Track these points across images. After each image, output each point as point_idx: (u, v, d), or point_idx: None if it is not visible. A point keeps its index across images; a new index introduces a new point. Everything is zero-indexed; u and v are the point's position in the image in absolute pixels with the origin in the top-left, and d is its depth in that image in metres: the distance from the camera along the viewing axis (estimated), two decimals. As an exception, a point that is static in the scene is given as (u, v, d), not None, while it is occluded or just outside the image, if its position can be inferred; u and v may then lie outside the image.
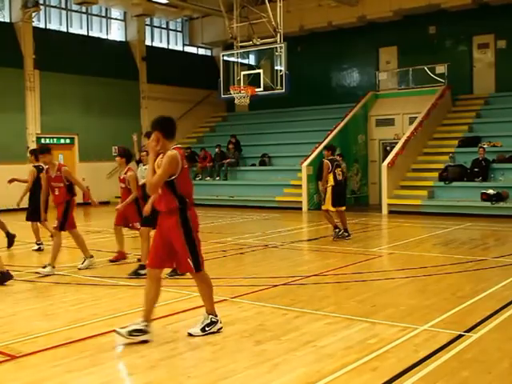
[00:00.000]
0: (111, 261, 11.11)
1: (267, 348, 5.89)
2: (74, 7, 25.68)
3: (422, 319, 6.77)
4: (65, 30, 25.98)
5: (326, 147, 14.05)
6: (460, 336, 6.13)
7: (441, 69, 24.29)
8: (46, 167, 10.92)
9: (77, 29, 26.53)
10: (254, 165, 24.98)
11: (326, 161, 13.38)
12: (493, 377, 5.11)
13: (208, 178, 25.27)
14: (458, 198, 18.86)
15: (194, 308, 7.45)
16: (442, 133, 22.68)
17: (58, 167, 10.74)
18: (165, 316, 7.09)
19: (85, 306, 7.69)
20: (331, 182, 13.21)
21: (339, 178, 13.41)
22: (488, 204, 18.07)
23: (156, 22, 30.13)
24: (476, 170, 19.21)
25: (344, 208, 13.70)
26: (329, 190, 13.27)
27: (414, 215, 18.44)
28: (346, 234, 13.50)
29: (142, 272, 8.73)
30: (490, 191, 18.24)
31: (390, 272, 10.15)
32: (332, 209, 13.41)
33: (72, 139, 25.37)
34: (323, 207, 13.64)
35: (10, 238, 13.38)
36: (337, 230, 13.47)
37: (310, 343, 5.99)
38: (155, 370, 5.39)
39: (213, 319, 6.41)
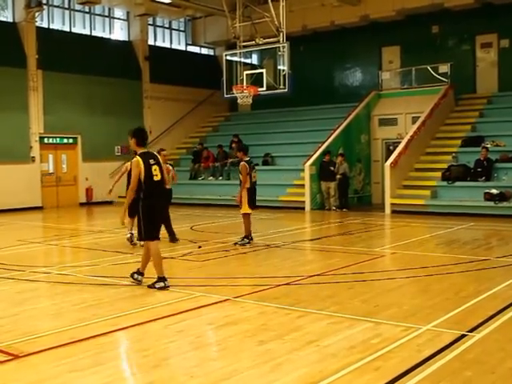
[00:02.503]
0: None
1: (270, 348, 5.89)
2: (77, 7, 25.66)
3: (425, 319, 6.77)
4: (68, 29, 25.98)
5: (238, 149, 13.32)
6: (463, 336, 6.12)
7: (444, 68, 24.25)
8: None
9: (80, 28, 26.53)
10: (256, 164, 24.80)
11: (243, 163, 12.77)
12: (496, 377, 5.10)
13: (211, 178, 25.26)
14: (461, 198, 18.82)
15: (196, 308, 7.46)
16: (445, 132, 22.64)
17: None
18: (167, 316, 7.10)
19: (87, 306, 7.70)
20: (248, 184, 12.72)
21: (254, 179, 12.85)
22: (491, 204, 18.03)
23: (159, 22, 30.12)
24: (479, 169, 19.18)
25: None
26: (244, 192, 12.70)
27: (417, 215, 18.42)
28: (247, 241, 12.88)
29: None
30: (493, 191, 18.20)
31: (393, 272, 10.14)
32: (249, 211, 12.83)
33: (75, 139, 25.38)
34: (242, 211, 12.88)
35: None
36: (246, 240, 12.87)
37: (312, 343, 5.99)
38: (158, 369, 5.39)
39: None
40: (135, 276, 8.99)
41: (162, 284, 8.51)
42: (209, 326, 6.88)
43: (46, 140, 24.36)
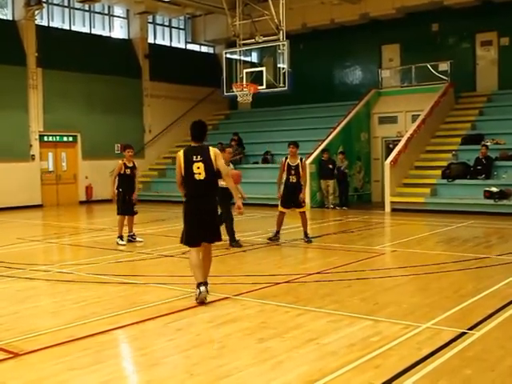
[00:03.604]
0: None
1: (270, 345, 5.89)
2: (77, 5, 25.64)
3: (425, 317, 6.77)
4: (68, 27, 25.95)
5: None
6: (462, 334, 6.12)
7: (444, 66, 24.24)
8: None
9: (79, 27, 26.52)
10: (256, 162, 24.96)
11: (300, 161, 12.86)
12: (495, 375, 5.11)
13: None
14: (461, 196, 18.82)
15: (195, 306, 7.46)
16: (445, 130, 22.65)
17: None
18: (167, 314, 7.10)
19: (88, 304, 7.70)
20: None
21: (291, 179, 12.72)
22: (491, 202, 18.04)
23: (159, 20, 30.10)
24: (479, 167, 19.18)
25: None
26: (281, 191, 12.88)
27: (417, 213, 18.43)
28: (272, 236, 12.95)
29: None
30: (493, 189, 18.20)
31: (393, 270, 10.14)
32: (282, 209, 12.93)
33: (75, 137, 25.37)
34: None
35: None
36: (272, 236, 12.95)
37: (312, 341, 5.99)
38: (158, 367, 5.39)
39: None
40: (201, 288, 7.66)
41: (202, 289, 7.56)
42: (208, 323, 6.87)
43: (45, 138, 24.36)
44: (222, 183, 12.03)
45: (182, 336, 6.30)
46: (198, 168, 7.58)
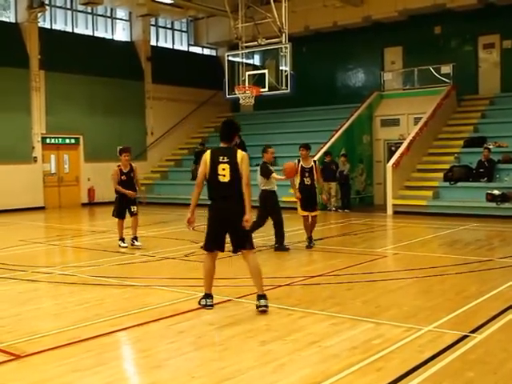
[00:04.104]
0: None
1: (272, 348, 5.89)
2: (80, 7, 25.70)
3: (427, 320, 6.76)
4: (70, 30, 26.00)
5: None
6: (465, 337, 6.11)
7: (446, 69, 24.24)
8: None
9: (82, 29, 26.55)
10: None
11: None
12: (498, 378, 5.10)
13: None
14: (463, 199, 18.81)
15: (198, 308, 7.46)
16: (447, 133, 22.63)
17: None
18: (169, 316, 7.11)
19: (90, 306, 7.71)
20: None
21: (306, 182, 12.52)
22: (493, 205, 18.02)
23: (161, 22, 30.15)
24: (481, 170, 19.17)
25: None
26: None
27: (419, 215, 18.41)
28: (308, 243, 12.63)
29: None
30: (495, 192, 18.19)
31: (395, 272, 10.14)
32: (302, 213, 12.64)
33: (77, 139, 25.40)
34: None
35: None
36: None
37: (314, 343, 5.99)
38: (160, 369, 5.40)
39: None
40: (257, 304, 7.32)
41: (203, 302, 7.44)
42: (210, 326, 6.87)
43: (48, 140, 24.39)
44: (260, 186, 11.99)
45: (184, 338, 6.30)
46: (224, 170, 7.28)
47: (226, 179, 7.26)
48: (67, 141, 25.18)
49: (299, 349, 5.84)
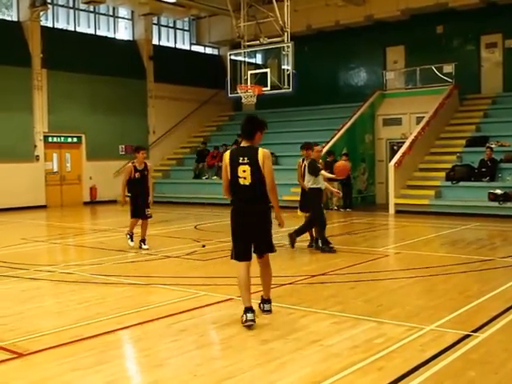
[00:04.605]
0: None
1: (274, 347, 5.89)
2: (82, 6, 25.71)
3: (429, 319, 6.76)
4: (72, 29, 26.03)
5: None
6: (467, 336, 6.11)
7: (448, 68, 24.23)
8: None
9: (84, 28, 26.58)
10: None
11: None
12: (499, 377, 5.10)
13: (215, 177, 25.27)
14: (465, 198, 18.80)
15: (200, 307, 7.47)
16: (450, 132, 22.62)
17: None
18: (171, 315, 7.10)
19: (91, 305, 7.71)
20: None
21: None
22: (495, 204, 18.00)
23: (163, 21, 30.16)
24: (483, 169, 19.15)
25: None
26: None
27: (421, 215, 18.40)
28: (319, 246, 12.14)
29: None
30: (498, 191, 18.17)
31: (397, 272, 10.13)
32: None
33: (79, 138, 25.43)
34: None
35: None
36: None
37: (316, 342, 5.98)
38: (161, 368, 5.40)
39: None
40: (261, 306, 7.18)
41: (243, 318, 6.58)
42: (212, 324, 6.88)
43: (50, 139, 24.42)
44: (308, 184, 11.87)
45: (185, 337, 6.30)
46: (244, 171, 6.61)
47: (247, 182, 6.61)
48: (69, 139, 25.21)
49: (300, 348, 5.84)
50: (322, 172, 11.74)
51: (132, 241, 12.54)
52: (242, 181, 6.62)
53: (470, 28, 24.77)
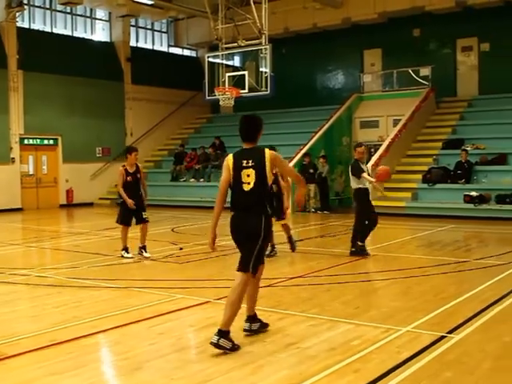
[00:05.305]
0: None
1: (251, 350, 5.90)
2: (59, 7, 25.53)
3: (405, 321, 6.81)
4: (49, 30, 25.83)
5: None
6: (443, 337, 6.17)
7: (425, 71, 24.44)
8: None
9: (61, 29, 26.39)
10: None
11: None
12: (475, 378, 5.16)
13: (192, 180, 25.23)
14: (442, 200, 18.96)
15: (178, 310, 7.45)
16: (426, 135, 22.81)
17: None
18: (148, 318, 7.08)
19: (68, 308, 7.66)
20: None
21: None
22: (471, 206, 18.18)
23: (141, 23, 30.05)
24: (459, 172, 19.34)
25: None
26: None
27: (398, 217, 18.51)
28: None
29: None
30: (473, 193, 18.36)
31: (373, 274, 10.19)
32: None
33: (56, 140, 25.22)
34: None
35: None
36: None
37: (293, 345, 6.00)
38: (139, 371, 5.38)
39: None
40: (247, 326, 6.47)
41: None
42: (190, 327, 6.88)
43: (26, 141, 24.21)
44: (355, 185, 11.72)
45: (163, 340, 6.29)
46: (248, 176, 6.02)
47: (249, 187, 6.03)
48: (45, 141, 25.01)
49: (277, 350, 5.85)
50: (364, 175, 11.46)
51: (128, 252, 11.64)
52: (245, 186, 6.04)
53: (446, 31, 24.99)
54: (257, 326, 6.41)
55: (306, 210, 21.04)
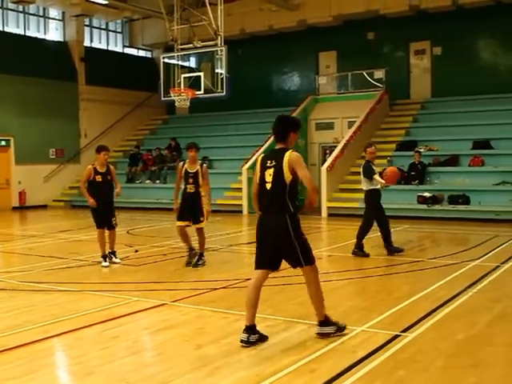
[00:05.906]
0: None
1: (207, 352, 5.88)
2: (11, 6, 25.08)
3: (360, 320, 6.88)
4: (1, 28, 25.35)
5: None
6: (397, 336, 6.24)
7: (379, 74, 24.73)
8: None
9: (13, 28, 25.92)
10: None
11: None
12: (429, 375, 5.23)
13: (148, 181, 25.05)
14: (395, 201, 19.17)
15: (132, 313, 7.38)
16: (380, 137, 23.06)
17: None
18: (103, 321, 7.00)
19: (20, 313, 7.51)
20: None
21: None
22: (424, 207, 18.48)
23: (95, 23, 29.71)
24: (413, 173, 19.63)
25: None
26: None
27: (353, 218, 18.62)
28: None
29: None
30: (426, 194, 18.68)
31: (330, 274, 10.24)
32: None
33: (8, 141, 24.76)
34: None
35: None
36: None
37: (249, 346, 6.00)
38: (93, 376, 5.31)
39: None
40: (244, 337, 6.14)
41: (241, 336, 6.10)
42: (145, 330, 6.82)
43: (-24, 142, 23.72)
44: (368, 186, 11.60)
45: (118, 343, 6.22)
46: (270, 175, 6.14)
47: (270, 186, 6.14)
48: (-3, 143, 24.54)
49: (234, 352, 5.85)
50: (375, 177, 11.53)
51: (106, 261, 10.99)
52: (267, 186, 6.15)
53: (400, 35, 25.34)
54: (255, 338, 6.11)
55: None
